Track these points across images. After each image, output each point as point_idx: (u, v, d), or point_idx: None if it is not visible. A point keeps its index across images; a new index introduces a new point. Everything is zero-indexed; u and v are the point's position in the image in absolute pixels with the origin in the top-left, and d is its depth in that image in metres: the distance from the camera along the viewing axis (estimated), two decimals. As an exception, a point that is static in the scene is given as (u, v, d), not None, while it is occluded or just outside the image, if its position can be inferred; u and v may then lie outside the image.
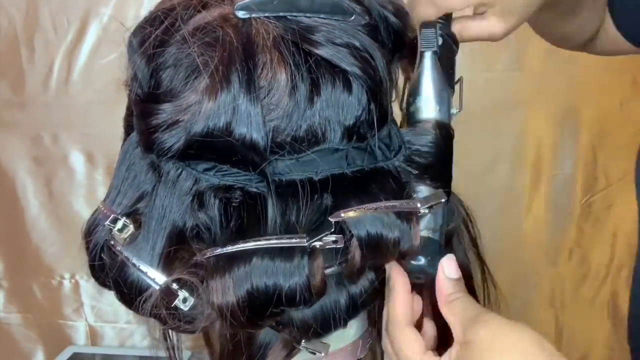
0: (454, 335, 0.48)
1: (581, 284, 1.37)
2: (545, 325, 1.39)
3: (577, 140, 1.28)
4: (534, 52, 1.22)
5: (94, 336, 1.38)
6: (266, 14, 0.48)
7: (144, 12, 1.33)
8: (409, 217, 0.50)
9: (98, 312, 1.37)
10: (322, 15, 0.49)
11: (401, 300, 0.51)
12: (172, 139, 0.46)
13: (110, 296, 1.50)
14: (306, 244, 0.46)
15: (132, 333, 1.37)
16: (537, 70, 1.22)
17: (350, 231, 0.48)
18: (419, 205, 0.50)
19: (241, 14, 0.47)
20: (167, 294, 0.48)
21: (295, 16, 0.48)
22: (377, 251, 0.49)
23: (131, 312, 1.48)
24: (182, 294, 0.48)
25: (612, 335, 1.39)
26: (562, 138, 1.29)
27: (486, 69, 1.23)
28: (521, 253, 1.36)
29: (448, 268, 0.51)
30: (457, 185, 0.66)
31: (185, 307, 0.48)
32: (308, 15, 0.49)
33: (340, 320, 0.51)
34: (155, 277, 0.48)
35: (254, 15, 0.47)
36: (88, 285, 1.35)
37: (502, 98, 1.26)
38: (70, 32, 1.21)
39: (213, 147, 0.46)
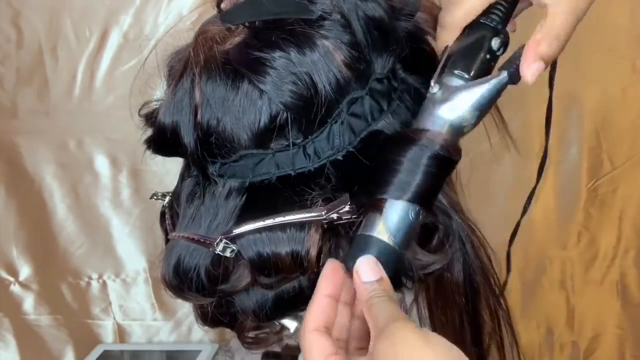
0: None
1: (590, 266, 1.39)
2: (557, 308, 1.41)
3: (582, 127, 1.31)
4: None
5: (122, 334, 1.40)
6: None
7: (161, 20, 1.37)
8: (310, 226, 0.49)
9: (125, 310, 1.39)
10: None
11: (314, 304, 0.48)
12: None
13: (137, 295, 1.53)
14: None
15: (158, 330, 1.40)
16: (541, 60, 1.24)
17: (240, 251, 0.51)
18: (323, 213, 0.48)
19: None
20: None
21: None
22: (271, 269, 0.50)
23: (157, 309, 1.49)
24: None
25: (621, 315, 1.41)
26: (567, 126, 1.31)
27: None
28: (531, 239, 1.38)
29: (364, 272, 0.47)
30: (467, 174, 0.69)
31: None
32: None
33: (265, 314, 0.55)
34: None
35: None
36: (115, 285, 1.37)
37: (508, 89, 1.28)
38: (92, 40, 1.24)
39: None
